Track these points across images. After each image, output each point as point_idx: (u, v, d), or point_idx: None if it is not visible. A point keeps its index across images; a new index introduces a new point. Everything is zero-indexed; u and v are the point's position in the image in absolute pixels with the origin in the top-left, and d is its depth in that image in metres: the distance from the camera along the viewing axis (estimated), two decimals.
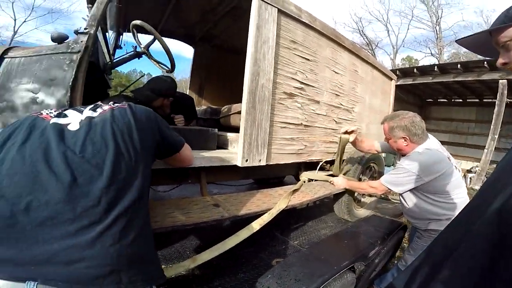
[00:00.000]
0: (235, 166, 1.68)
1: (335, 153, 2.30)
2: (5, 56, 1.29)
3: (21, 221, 0.62)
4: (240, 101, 1.71)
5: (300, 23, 1.90)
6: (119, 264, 0.65)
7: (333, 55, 2.25)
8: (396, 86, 3.67)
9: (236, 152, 1.73)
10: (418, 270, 0.59)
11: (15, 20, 14.94)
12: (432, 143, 1.58)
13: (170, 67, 2.18)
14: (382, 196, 3.46)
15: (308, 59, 2.00)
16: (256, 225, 1.51)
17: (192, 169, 1.67)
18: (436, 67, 6.55)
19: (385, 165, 3.01)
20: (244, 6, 2.10)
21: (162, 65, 2.25)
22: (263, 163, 1.74)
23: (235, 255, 1.74)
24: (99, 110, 0.87)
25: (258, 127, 1.68)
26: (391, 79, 3.43)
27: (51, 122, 0.78)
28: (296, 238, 2.15)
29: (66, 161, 0.69)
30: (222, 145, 1.99)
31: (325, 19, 2.24)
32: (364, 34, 18.06)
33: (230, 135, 1.97)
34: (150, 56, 2.10)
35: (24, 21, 15.05)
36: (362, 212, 2.71)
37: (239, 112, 2.03)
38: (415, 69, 6.86)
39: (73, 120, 0.81)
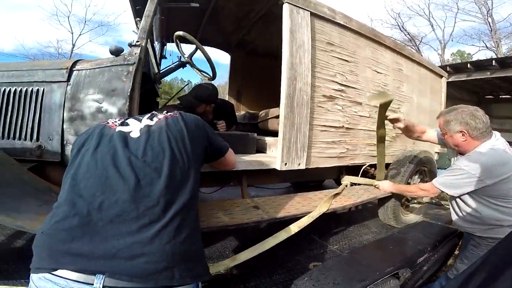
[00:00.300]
0: (275, 169, 1.70)
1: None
2: (73, 69, 1.48)
3: (94, 219, 0.69)
4: (277, 105, 1.73)
5: (335, 25, 1.87)
6: (173, 260, 0.69)
7: (374, 55, 2.17)
8: (448, 83, 3.37)
9: (275, 156, 1.75)
10: (471, 277, 0.54)
11: (72, 33, 16.27)
12: (498, 142, 1.39)
13: (211, 75, 2.29)
14: (434, 201, 3.18)
15: (347, 60, 1.96)
16: (295, 227, 1.51)
17: (233, 172, 1.73)
18: (494, 61, 5.82)
19: (437, 168, 2.76)
20: (275, 12, 2.15)
21: (204, 73, 2.38)
22: (302, 167, 1.73)
23: (272, 256, 1.75)
24: (155, 119, 0.96)
25: (297, 131, 1.68)
26: (441, 76, 3.18)
27: (116, 130, 0.88)
28: (336, 243, 2.09)
29: (131, 165, 0.77)
30: (261, 149, 2.03)
31: (360, 17, 2.19)
32: (405, 30, 16.74)
33: (269, 139, 2.00)
34: (193, 65, 2.23)
35: (80, 35, 16.28)
36: (410, 218, 2.53)
37: (277, 117, 2.06)
38: (468, 65, 6.19)
39: (134, 128, 0.91)
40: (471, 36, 16.22)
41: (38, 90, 1.46)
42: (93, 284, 0.63)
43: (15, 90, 1.47)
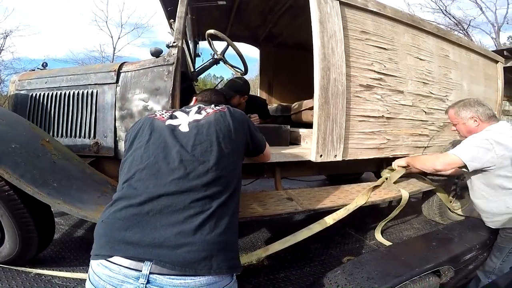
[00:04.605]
0: (309, 161, 1.70)
1: (424, 147, 2.06)
2: (121, 71, 1.60)
3: (146, 209, 0.74)
4: (309, 96, 1.72)
5: (368, 13, 1.82)
6: (212, 250, 0.72)
7: (414, 41, 2.06)
8: (506, 68, 3.04)
9: (309, 147, 1.74)
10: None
11: (111, 37, 17.09)
12: (504, 127, 1.46)
13: (243, 70, 2.34)
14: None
15: (384, 48, 1.88)
16: (330, 219, 1.48)
17: (267, 164, 1.76)
18: None
19: None
20: (301, 3, 2.12)
21: (236, 69, 2.43)
22: (339, 158, 1.70)
23: (303, 249, 1.75)
24: (203, 113, 0.99)
25: (333, 122, 1.65)
26: (496, 61, 2.87)
27: (166, 123, 0.93)
28: (373, 238, 2.02)
29: (181, 159, 0.82)
30: (295, 141, 2.03)
31: (395, 2, 2.07)
32: (449, 14, 14.96)
33: (303, 131, 2.00)
34: (226, 62, 2.29)
35: (119, 38, 16.86)
36: (459, 215, 2.34)
37: (311, 108, 2.03)
38: None
39: (183, 121, 0.95)
40: None
41: (92, 92, 1.62)
42: (141, 271, 0.67)
43: (74, 93, 1.65)
